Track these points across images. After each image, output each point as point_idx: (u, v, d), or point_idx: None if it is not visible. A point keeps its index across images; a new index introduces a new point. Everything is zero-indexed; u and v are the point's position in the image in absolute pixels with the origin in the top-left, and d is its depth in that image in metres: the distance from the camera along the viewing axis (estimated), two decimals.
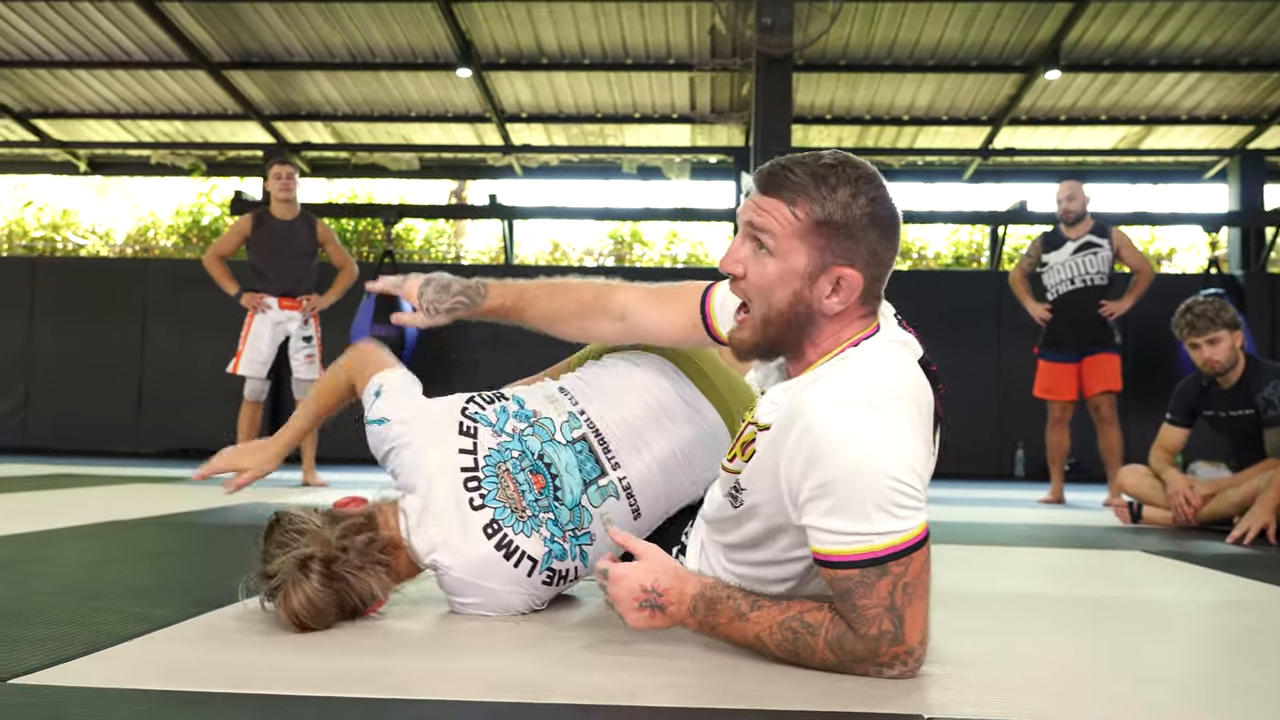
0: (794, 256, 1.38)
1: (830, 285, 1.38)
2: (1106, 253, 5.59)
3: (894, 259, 1.44)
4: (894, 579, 1.29)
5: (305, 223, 5.62)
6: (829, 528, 1.30)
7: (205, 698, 1.22)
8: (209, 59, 9.20)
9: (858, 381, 1.34)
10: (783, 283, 1.39)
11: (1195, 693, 1.38)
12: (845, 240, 1.37)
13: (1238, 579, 2.64)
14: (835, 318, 1.41)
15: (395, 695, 1.24)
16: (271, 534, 1.64)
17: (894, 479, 1.28)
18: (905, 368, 1.40)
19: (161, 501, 4.21)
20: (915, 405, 1.36)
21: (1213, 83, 9.09)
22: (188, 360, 9.77)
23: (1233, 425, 4.23)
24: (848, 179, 1.38)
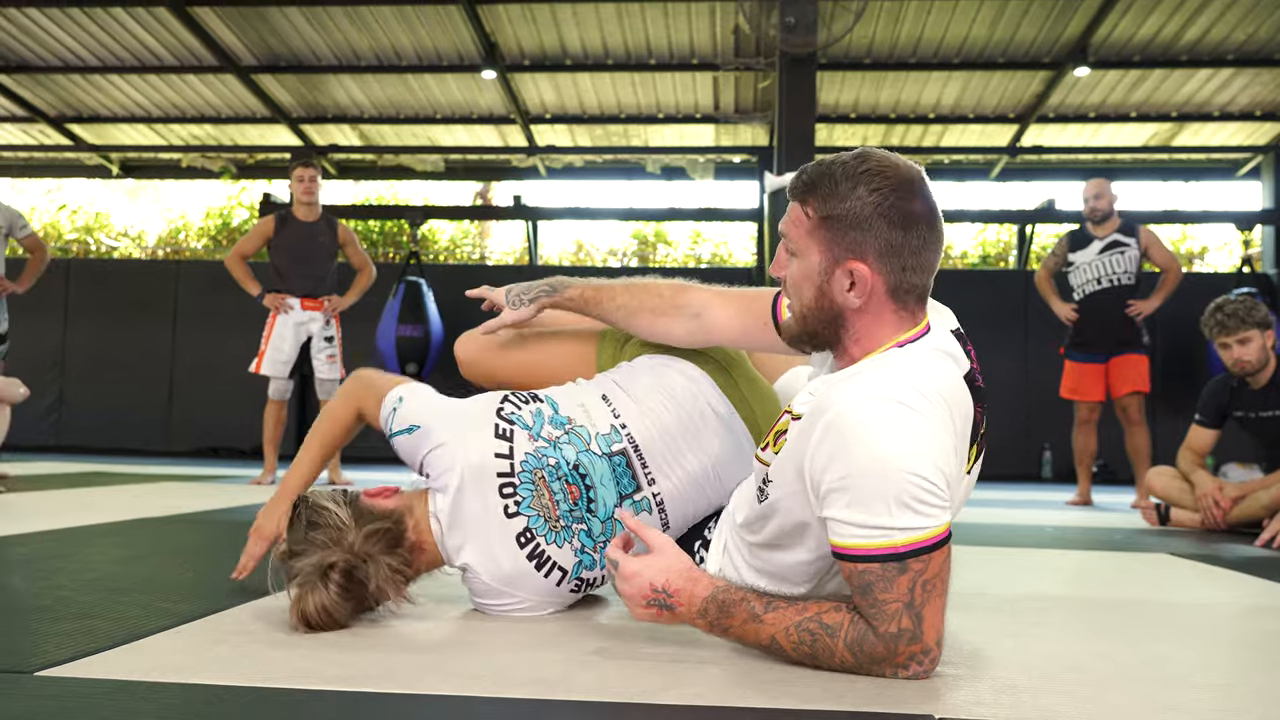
0: (810, 254, 1.43)
1: (846, 280, 1.40)
2: (1134, 252, 5.53)
3: (928, 256, 1.41)
4: (914, 575, 1.29)
5: (327, 224, 5.67)
6: (850, 520, 1.30)
7: (226, 691, 1.24)
8: (238, 63, 9.29)
9: (891, 379, 1.34)
10: (806, 280, 1.43)
11: (1217, 697, 1.37)
12: (851, 233, 1.38)
13: (1267, 583, 2.61)
14: (865, 314, 1.42)
15: (415, 690, 1.25)
16: (295, 524, 1.63)
17: (917, 475, 1.28)
18: (945, 375, 1.39)
19: (190, 499, 4.26)
20: (948, 410, 1.35)
21: (1246, 78, 8.97)
22: (217, 361, 9.88)
23: (1263, 426, 4.18)
24: (852, 173, 1.39)
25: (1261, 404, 4.15)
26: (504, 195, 13.78)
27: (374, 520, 1.64)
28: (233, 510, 3.85)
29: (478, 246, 13.52)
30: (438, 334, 9.24)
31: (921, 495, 1.28)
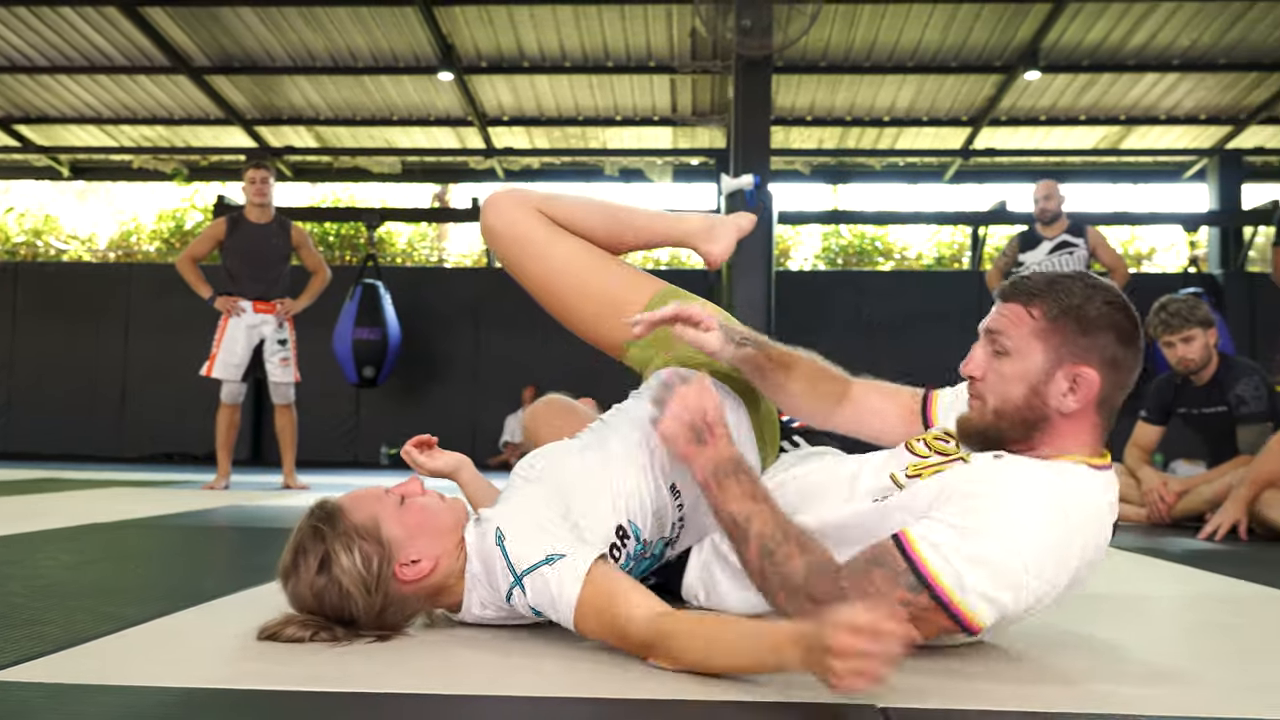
0: (1031, 354, 1.43)
1: (1067, 383, 1.41)
2: (1082, 252, 5.64)
3: (1135, 373, 1.44)
4: (912, 604, 1.28)
5: (280, 226, 5.62)
6: (940, 534, 1.30)
7: (168, 694, 1.23)
8: (190, 64, 9.18)
9: (1074, 496, 1.36)
10: (1020, 379, 1.43)
11: (1151, 684, 1.41)
12: (1081, 338, 1.41)
13: (1209, 574, 2.67)
14: (1070, 420, 1.43)
15: (374, 690, 1.25)
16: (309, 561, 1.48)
17: (1029, 569, 1.29)
18: (1104, 515, 1.40)
19: (143, 504, 4.21)
20: (1082, 541, 1.35)
21: (1191, 83, 9.17)
22: (171, 365, 9.75)
23: (1206, 423, 4.28)
24: (1084, 282, 1.43)
25: (1204, 401, 4.25)
26: (462, 197, 13.74)
27: (393, 613, 1.51)
28: (185, 515, 3.81)
29: (435, 249, 13.46)
30: (395, 337, 9.19)
31: (1005, 588, 1.29)
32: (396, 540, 1.50)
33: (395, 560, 1.49)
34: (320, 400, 9.30)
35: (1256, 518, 3.66)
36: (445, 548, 1.54)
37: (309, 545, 1.49)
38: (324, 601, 1.47)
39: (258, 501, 4.63)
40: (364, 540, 1.49)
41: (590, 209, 1.94)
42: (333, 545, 1.47)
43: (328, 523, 1.50)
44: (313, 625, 1.47)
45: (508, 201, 1.90)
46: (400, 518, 1.53)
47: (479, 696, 1.24)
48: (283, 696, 1.22)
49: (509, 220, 1.89)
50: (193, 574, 2.39)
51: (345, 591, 1.46)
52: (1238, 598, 2.29)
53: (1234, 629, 1.90)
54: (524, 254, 1.90)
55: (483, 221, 1.93)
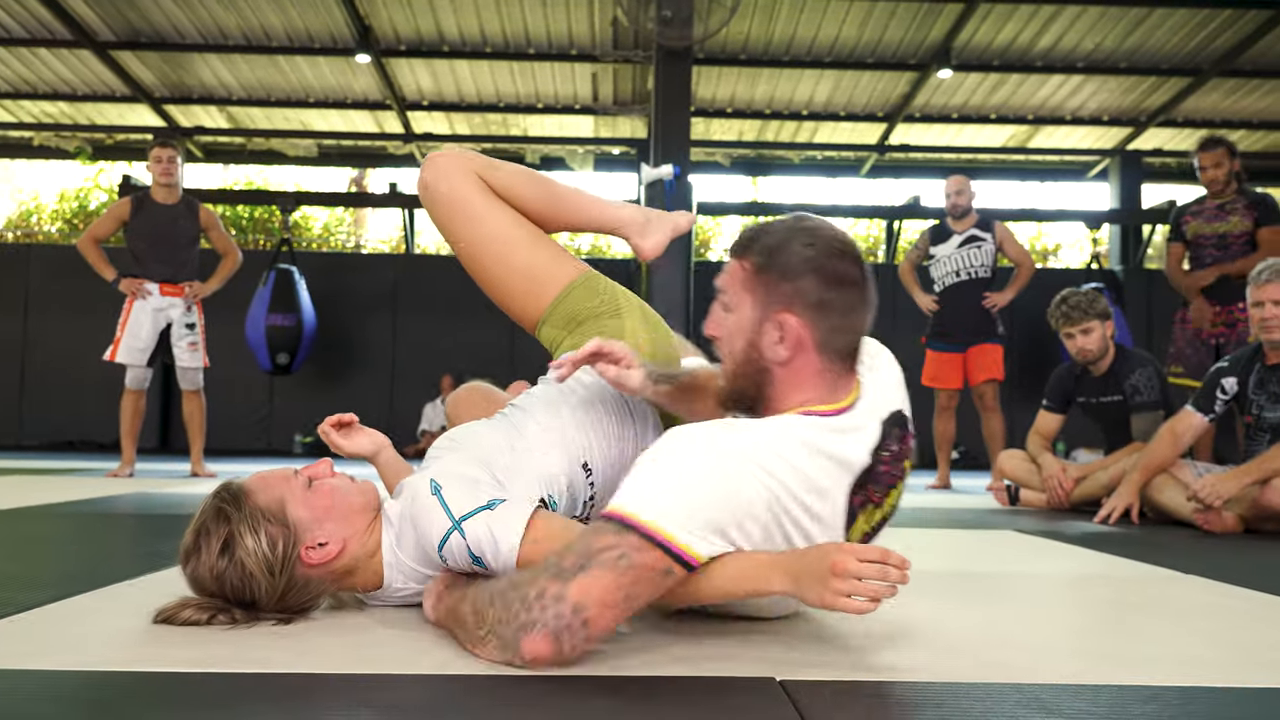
0: (743, 307, 1.43)
1: (776, 332, 1.40)
2: (990, 246, 5.80)
3: (858, 314, 1.43)
4: (620, 546, 1.24)
5: (187, 207, 5.47)
6: (621, 491, 1.30)
7: (67, 677, 1.21)
8: (95, 38, 8.86)
9: (740, 438, 1.33)
10: (739, 333, 1.44)
11: (1046, 654, 1.47)
12: (782, 284, 1.39)
13: (1100, 554, 2.79)
14: (789, 371, 1.41)
15: (267, 670, 1.24)
16: (211, 543, 1.45)
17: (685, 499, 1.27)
18: (806, 455, 1.33)
19: (42, 492, 4.07)
20: (788, 492, 1.32)
21: (1094, 85, 9.49)
22: (74, 350, 9.41)
23: (1103, 411, 4.45)
24: (786, 228, 1.42)
25: (1102, 390, 4.41)
26: (379, 182, 13.52)
27: (299, 595, 1.49)
28: (86, 502, 3.70)
29: (353, 234, 13.24)
30: (310, 323, 9.02)
31: (681, 502, 1.27)
32: (303, 522, 1.49)
33: (301, 543, 1.48)
34: (232, 387, 9.09)
35: (1148, 501, 3.82)
36: (354, 529, 1.53)
37: (212, 526, 1.47)
38: (225, 584, 1.45)
39: (163, 489, 4.51)
40: (269, 522, 1.47)
41: (529, 182, 1.94)
42: (237, 527, 1.46)
43: (233, 504, 1.48)
44: (211, 608, 1.45)
45: (449, 162, 1.90)
46: (308, 500, 1.52)
47: (383, 675, 1.24)
48: (179, 679, 1.20)
49: (447, 181, 1.88)
50: (91, 560, 2.32)
51: (248, 573, 1.44)
52: (1125, 576, 2.40)
53: (1120, 604, 1.99)
54: (456, 216, 1.89)
55: (421, 178, 1.92)
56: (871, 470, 1.39)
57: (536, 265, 1.91)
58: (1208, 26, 8.50)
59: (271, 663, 1.27)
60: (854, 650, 1.42)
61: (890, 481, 1.42)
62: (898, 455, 1.43)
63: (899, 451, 1.44)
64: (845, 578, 1.20)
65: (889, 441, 1.42)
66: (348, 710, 1.10)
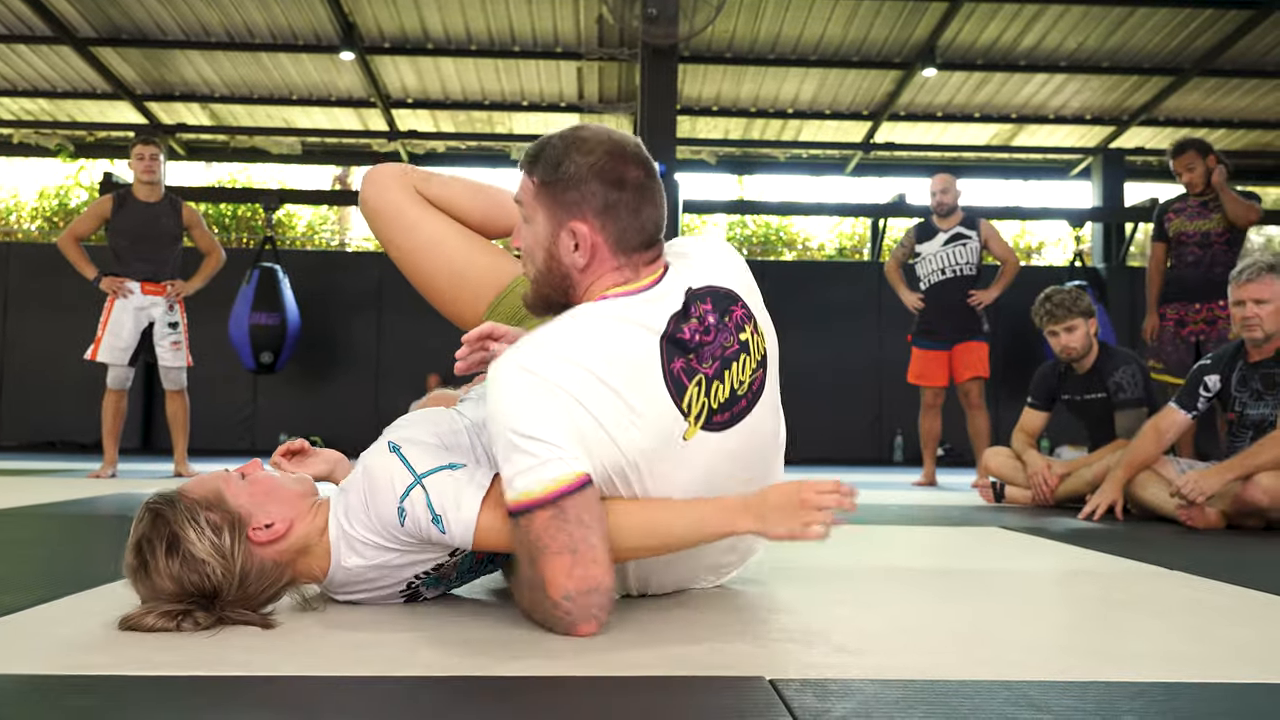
0: (537, 219, 1.51)
1: (570, 240, 1.48)
2: (975, 244, 5.82)
3: (647, 213, 1.49)
4: (529, 529, 1.36)
5: (170, 205, 5.43)
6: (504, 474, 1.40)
7: (43, 680, 1.19)
8: (75, 34, 8.79)
9: (535, 342, 1.42)
10: (537, 245, 1.51)
11: (1027, 650, 1.48)
12: (567, 193, 1.46)
13: (1085, 551, 2.80)
14: (589, 272, 1.50)
15: (248, 673, 1.23)
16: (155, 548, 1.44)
17: (515, 432, 1.35)
18: (610, 332, 1.42)
19: (22, 493, 4.04)
20: (596, 371, 1.38)
21: (1077, 84, 9.54)
22: (53, 349, 9.34)
23: (1087, 408, 4.47)
24: (565, 140, 1.48)
25: (1086, 388, 4.44)
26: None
27: (258, 582, 1.48)
28: (68, 504, 3.67)
29: (337, 233, 13.18)
30: (294, 322, 8.97)
31: (528, 454, 1.34)
32: (244, 508, 1.50)
33: (247, 525, 1.48)
34: (215, 386, 9.03)
35: (1131, 498, 3.84)
36: (298, 511, 1.54)
37: (151, 534, 1.45)
38: (183, 583, 1.42)
39: (147, 490, 4.47)
40: (210, 511, 1.47)
41: (466, 191, 1.98)
42: (178, 524, 1.44)
43: (167, 505, 1.47)
44: (176, 613, 1.41)
45: (385, 176, 1.95)
46: (245, 489, 1.53)
47: (371, 678, 1.23)
48: (165, 682, 1.19)
49: (383, 195, 1.94)
50: (75, 561, 2.30)
51: (200, 562, 1.42)
52: (1109, 572, 2.41)
53: (1105, 601, 2.00)
54: (393, 228, 1.95)
55: (360, 194, 1.97)
56: (682, 338, 1.45)
57: (473, 267, 1.95)
58: (1189, 26, 8.56)
59: (255, 665, 1.26)
60: (842, 648, 1.42)
61: (719, 353, 1.48)
62: (715, 326, 1.49)
63: (717, 324, 1.50)
64: (810, 509, 1.37)
65: (695, 309, 1.48)
66: (337, 712, 1.09)
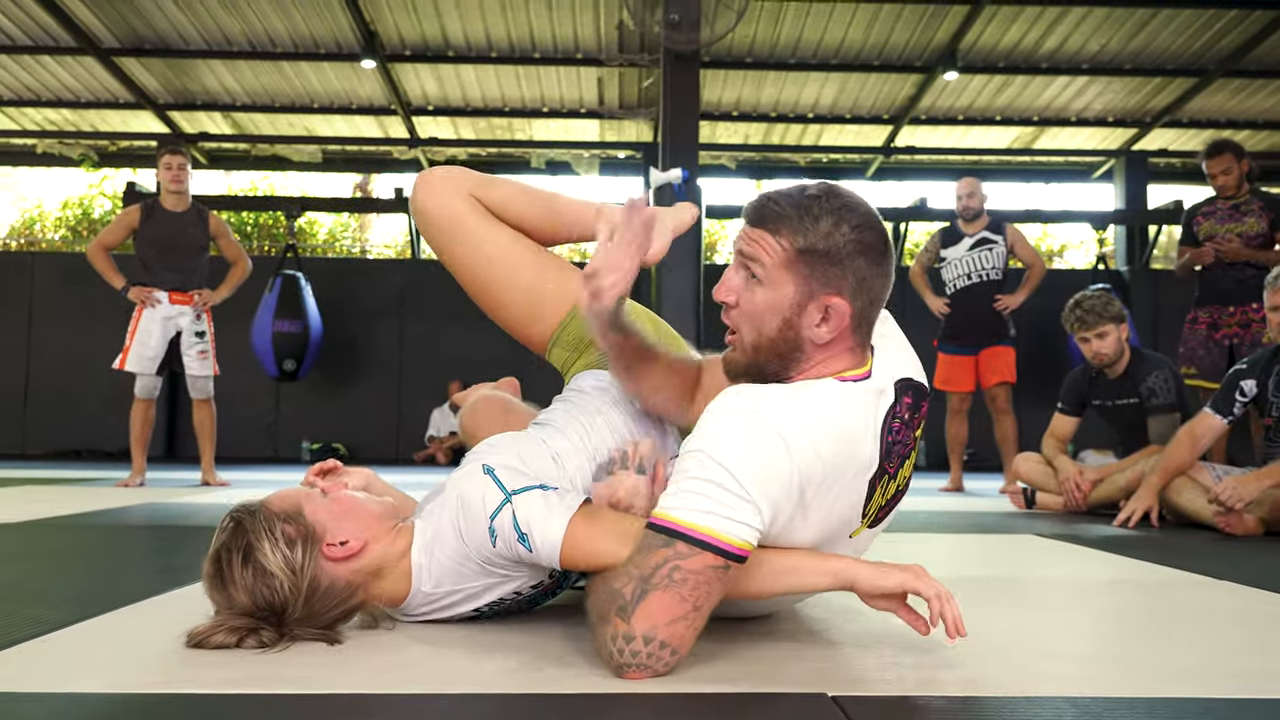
0: (782, 285, 1.37)
1: (819, 313, 1.37)
2: (1001, 248, 5.78)
3: (887, 288, 1.41)
4: (670, 558, 1.25)
5: (197, 215, 5.46)
6: (664, 493, 1.30)
7: (103, 700, 1.19)
8: (99, 44, 8.86)
9: (780, 398, 1.32)
10: (772, 311, 1.38)
11: (1089, 664, 1.46)
12: (830, 268, 1.36)
13: (1123, 559, 2.77)
14: (826, 348, 1.40)
15: (305, 690, 1.22)
16: (233, 557, 1.43)
17: (732, 474, 1.25)
18: (845, 422, 1.34)
19: (55, 503, 4.05)
20: (819, 456, 1.30)
21: (1099, 86, 9.48)
22: (79, 357, 9.42)
23: (1119, 414, 4.43)
24: (830, 208, 1.36)
25: (1117, 393, 4.40)
26: (385, 187, 13.52)
27: (326, 600, 1.46)
28: (101, 514, 3.68)
29: (358, 240, 13.23)
30: (316, 329, 9.01)
31: (724, 494, 1.25)
32: (321, 523, 1.49)
33: (321, 540, 1.47)
34: (239, 394, 9.06)
35: (1167, 504, 3.80)
36: (375, 533, 1.52)
37: (230, 542, 1.45)
38: (255, 595, 1.42)
39: (176, 499, 4.49)
40: (285, 524, 1.46)
41: (525, 198, 1.88)
42: (254, 534, 1.44)
43: (247, 515, 1.47)
44: (241, 629, 1.41)
45: (442, 182, 1.83)
46: (325, 504, 1.52)
47: (427, 695, 1.22)
48: (219, 700, 1.18)
49: (441, 202, 1.82)
50: (114, 575, 2.31)
51: (270, 575, 1.41)
52: (1153, 581, 2.38)
53: (1153, 611, 1.97)
54: (453, 239, 1.83)
55: (413, 199, 1.86)
56: (890, 439, 1.39)
57: (541, 285, 1.86)
58: (1213, 27, 8.49)
59: (311, 682, 1.25)
60: (896, 663, 1.40)
61: (903, 453, 1.42)
62: (909, 424, 1.42)
63: (911, 420, 1.43)
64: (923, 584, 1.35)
65: (899, 407, 1.41)
66: None
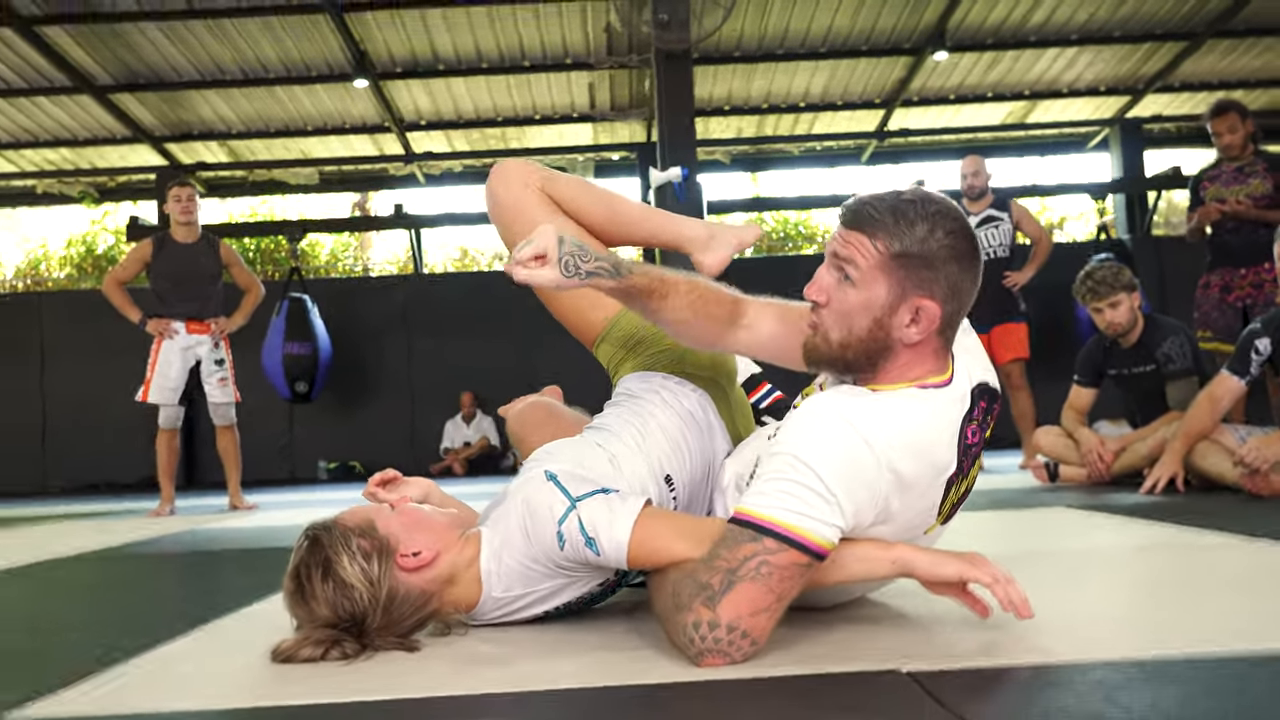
0: (876, 287, 1.41)
1: (910, 315, 1.41)
2: (1007, 226, 5.81)
3: (974, 293, 1.45)
4: (759, 552, 1.30)
5: (208, 245, 5.50)
6: (749, 491, 1.36)
7: (207, 716, 1.23)
8: (93, 82, 8.90)
9: (867, 407, 1.37)
10: (864, 311, 1.42)
11: (1148, 629, 1.49)
12: (924, 271, 1.40)
13: (1155, 524, 2.81)
14: (914, 350, 1.44)
15: (386, 696, 1.26)
16: (312, 573, 1.49)
17: (819, 476, 1.30)
18: (929, 432, 1.40)
19: (91, 536, 4.09)
20: (896, 466, 1.36)
21: (1090, 55, 9.50)
22: (92, 393, 9.47)
23: (1136, 382, 4.46)
24: (925, 214, 1.40)
25: (1134, 361, 4.42)
26: (383, 205, 13.56)
27: (403, 608, 1.52)
28: (140, 544, 3.72)
29: (359, 258, 13.27)
30: (326, 350, 9.05)
31: (812, 496, 1.30)
32: (394, 535, 1.55)
33: (395, 552, 1.53)
34: (252, 417, 9.05)
35: (1191, 469, 3.83)
36: (445, 542, 1.58)
37: (309, 558, 1.51)
38: (336, 608, 1.47)
39: (208, 524, 4.54)
40: (361, 538, 1.52)
41: (591, 196, 1.96)
42: (331, 549, 1.50)
43: (324, 531, 1.53)
44: (325, 641, 1.46)
45: (515, 172, 1.93)
46: (396, 519, 1.59)
47: (511, 694, 1.26)
48: (316, 710, 1.22)
49: (512, 190, 1.92)
50: (173, 602, 2.35)
51: (349, 587, 1.47)
52: (1189, 544, 2.41)
53: (1194, 573, 2.00)
54: (518, 226, 1.90)
55: (488, 186, 1.96)
56: (967, 443, 1.43)
57: None
58: None
59: (398, 688, 1.29)
60: (962, 637, 1.44)
61: (976, 454, 1.47)
62: (983, 426, 1.47)
63: (984, 423, 1.47)
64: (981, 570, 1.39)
65: (975, 411, 1.45)
66: None
